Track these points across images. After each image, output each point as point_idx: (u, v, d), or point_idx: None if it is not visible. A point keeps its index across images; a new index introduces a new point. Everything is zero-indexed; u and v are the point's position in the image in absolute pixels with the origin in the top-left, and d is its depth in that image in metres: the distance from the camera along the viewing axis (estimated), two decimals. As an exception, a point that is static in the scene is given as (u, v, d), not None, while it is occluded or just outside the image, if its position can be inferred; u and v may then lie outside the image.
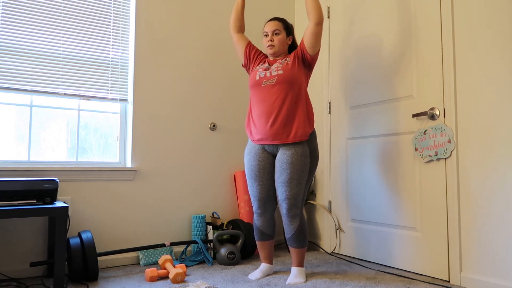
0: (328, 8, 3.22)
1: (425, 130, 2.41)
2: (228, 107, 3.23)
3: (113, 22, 2.84)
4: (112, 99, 2.81)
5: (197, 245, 2.86)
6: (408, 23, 2.58)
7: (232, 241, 2.87)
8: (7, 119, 2.52)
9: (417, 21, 2.53)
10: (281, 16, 3.42)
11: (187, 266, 2.64)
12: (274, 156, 2.37)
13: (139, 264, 2.72)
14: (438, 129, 2.34)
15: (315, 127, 3.25)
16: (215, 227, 2.89)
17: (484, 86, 2.16)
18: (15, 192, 2.05)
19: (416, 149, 2.46)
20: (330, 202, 3.12)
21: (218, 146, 3.16)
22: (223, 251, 2.68)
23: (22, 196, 2.08)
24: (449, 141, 2.29)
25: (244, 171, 3.14)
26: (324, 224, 3.16)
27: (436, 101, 2.39)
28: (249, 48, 2.51)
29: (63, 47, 2.65)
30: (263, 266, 2.43)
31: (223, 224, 2.99)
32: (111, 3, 2.83)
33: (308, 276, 2.41)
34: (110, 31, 2.82)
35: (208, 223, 2.93)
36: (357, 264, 2.71)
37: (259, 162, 2.35)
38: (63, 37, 2.65)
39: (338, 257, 2.91)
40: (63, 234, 2.04)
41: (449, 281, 2.28)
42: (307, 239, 2.35)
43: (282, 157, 2.28)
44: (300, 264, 2.35)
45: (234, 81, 3.27)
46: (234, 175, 3.20)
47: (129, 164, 2.80)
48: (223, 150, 3.18)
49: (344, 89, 3.03)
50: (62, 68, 2.64)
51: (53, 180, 2.15)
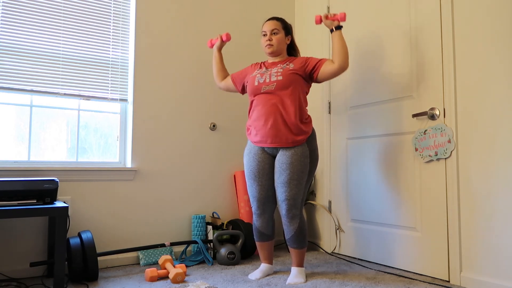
0: (328, 8, 3.22)
1: (425, 130, 2.41)
2: (228, 107, 3.23)
3: (113, 22, 2.84)
4: (112, 99, 2.81)
5: (197, 245, 2.86)
6: (408, 23, 2.58)
7: (232, 241, 2.86)
8: (7, 119, 2.52)
9: (417, 21, 2.53)
10: (281, 16, 3.41)
11: (187, 266, 2.64)
12: (274, 157, 2.37)
13: (139, 264, 2.72)
14: (438, 129, 2.34)
15: (315, 127, 3.25)
16: (215, 227, 2.89)
17: (484, 86, 2.16)
18: (15, 192, 2.05)
19: (416, 149, 2.46)
20: (330, 202, 3.12)
21: (218, 146, 3.16)
22: (223, 251, 2.68)
23: (22, 196, 2.08)
24: (449, 141, 2.29)
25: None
26: (324, 224, 3.16)
27: (436, 101, 2.39)
28: (235, 77, 2.56)
29: (63, 47, 2.65)
30: (263, 266, 2.43)
31: (223, 224, 2.99)
32: (111, 3, 2.83)
33: (308, 276, 2.41)
34: (110, 31, 2.82)
35: (208, 223, 2.93)
36: (357, 264, 2.71)
37: (258, 163, 2.35)
38: (63, 37, 2.65)
39: (338, 257, 2.91)
40: (63, 234, 2.04)
41: (449, 281, 2.28)
42: (306, 239, 2.35)
43: (282, 158, 2.28)
44: (300, 264, 2.35)
45: (234, 81, 3.27)
46: (234, 175, 3.20)
47: (129, 164, 2.80)
48: (223, 150, 3.18)
49: (344, 89, 3.03)
50: (62, 68, 2.64)
51: (53, 180, 2.15)
